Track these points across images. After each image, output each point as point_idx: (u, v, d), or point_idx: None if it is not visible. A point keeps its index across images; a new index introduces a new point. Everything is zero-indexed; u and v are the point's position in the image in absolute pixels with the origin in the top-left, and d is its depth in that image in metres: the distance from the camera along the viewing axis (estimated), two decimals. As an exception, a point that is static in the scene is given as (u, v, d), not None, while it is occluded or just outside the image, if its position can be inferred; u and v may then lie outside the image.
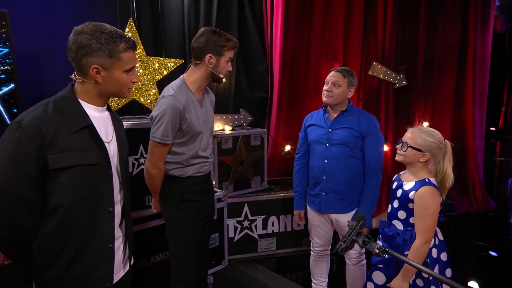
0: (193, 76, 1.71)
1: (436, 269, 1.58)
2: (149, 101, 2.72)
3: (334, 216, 2.05)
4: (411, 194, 1.56)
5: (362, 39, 3.55)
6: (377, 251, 1.26)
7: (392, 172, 3.50)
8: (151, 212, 2.00)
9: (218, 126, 3.10)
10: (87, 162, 1.11)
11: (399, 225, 1.62)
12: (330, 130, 1.99)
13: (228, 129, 3.03)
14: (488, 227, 3.90)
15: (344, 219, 2.00)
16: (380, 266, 1.62)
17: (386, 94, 3.74)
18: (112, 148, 1.21)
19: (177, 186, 1.73)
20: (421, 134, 1.58)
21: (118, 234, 1.23)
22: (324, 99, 1.97)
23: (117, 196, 1.23)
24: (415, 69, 3.81)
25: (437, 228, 1.60)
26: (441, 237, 1.65)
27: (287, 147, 3.34)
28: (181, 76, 1.75)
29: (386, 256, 1.24)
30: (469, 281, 2.73)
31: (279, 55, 3.37)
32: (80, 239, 1.12)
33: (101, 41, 1.11)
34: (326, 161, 1.97)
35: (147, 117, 2.35)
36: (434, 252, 1.59)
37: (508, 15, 7.01)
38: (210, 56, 1.66)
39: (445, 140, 1.61)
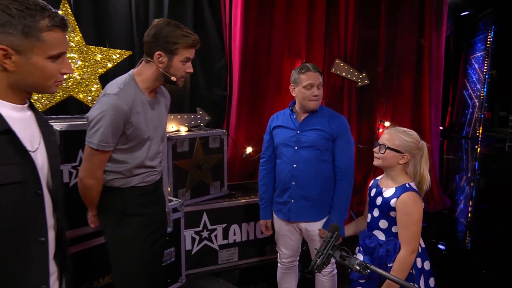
0: (144, 73, 1.49)
1: (422, 280, 1.51)
2: (90, 98, 2.39)
3: (303, 224, 1.94)
4: (392, 202, 1.50)
5: (324, 36, 3.52)
6: (358, 267, 1.13)
7: (356, 174, 3.48)
8: (93, 229, 1.71)
9: (172, 126, 2.88)
10: (8, 180, 0.84)
11: (381, 236, 1.56)
12: (298, 132, 1.89)
13: (183, 130, 2.84)
14: (445, 226, 4.04)
15: (315, 227, 1.91)
16: (362, 281, 1.52)
17: (349, 93, 3.74)
18: (39, 159, 0.95)
19: (117, 198, 1.50)
20: (398, 134, 1.54)
21: (53, 268, 0.97)
22: (312, 105, 1.84)
23: (50, 220, 0.96)
24: (376, 68, 3.84)
25: None
26: (423, 245, 1.58)
27: (249, 149, 3.22)
28: (130, 72, 1.51)
29: (368, 271, 1.12)
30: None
31: (239, 50, 3.23)
32: (2, 286, 0.84)
33: (10, 12, 0.83)
34: (295, 165, 1.87)
35: (87, 116, 2.05)
36: (419, 261, 1.52)
37: (451, 20, 7.53)
38: (159, 54, 1.44)
39: (422, 140, 1.58)
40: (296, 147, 1.87)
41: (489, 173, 7.17)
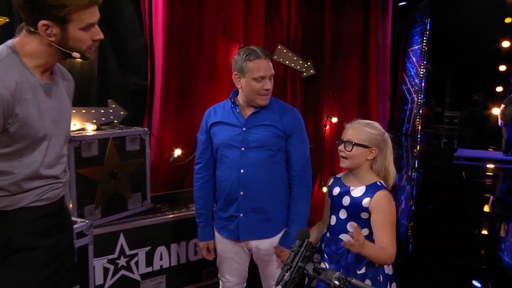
0: (29, 46, 1.22)
1: (388, 286, 1.59)
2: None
3: (254, 243, 1.85)
4: (365, 202, 1.56)
5: (265, 17, 3.49)
6: (337, 283, 1.09)
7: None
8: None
9: (75, 124, 2.58)
10: None
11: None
12: (245, 129, 1.79)
13: (91, 129, 2.56)
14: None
15: (269, 245, 1.83)
16: None
17: (293, 84, 3.75)
18: None
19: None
20: (363, 127, 1.60)
21: None
22: (262, 101, 1.76)
23: None
24: (322, 58, 3.90)
25: None
26: None
27: (177, 152, 3.05)
28: (9, 42, 1.24)
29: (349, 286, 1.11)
30: None
31: (162, 28, 3.03)
32: None
33: None
34: (242, 170, 1.77)
35: None
36: (386, 267, 1.59)
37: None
38: (45, 25, 1.17)
39: (385, 132, 1.65)
40: (242, 148, 1.77)
41: (430, 171, 7.89)
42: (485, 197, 6.15)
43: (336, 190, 1.66)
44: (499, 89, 12.58)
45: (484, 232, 4.54)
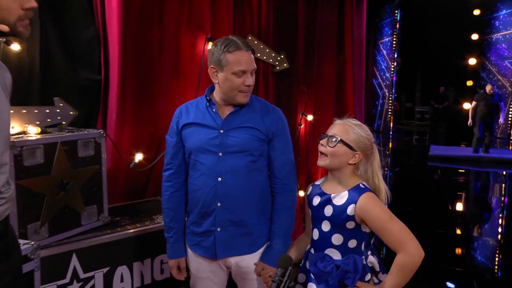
0: None
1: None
2: None
3: (234, 260, 1.80)
4: (349, 210, 1.51)
5: (234, 5, 3.41)
6: None
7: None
8: None
9: (13, 127, 2.38)
10: None
11: (335, 255, 1.56)
12: (222, 131, 1.72)
13: (33, 132, 2.37)
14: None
15: (250, 262, 1.79)
16: None
17: (265, 79, 3.70)
18: None
19: None
20: (354, 127, 1.57)
21: None
22: (243, 98, 1.70)
23: None
24: (296, 50, 3.87)
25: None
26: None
27: (138, 156, 2.90)
28: None
29: None
30: None
31: (118, 15, 2.87)
32: None
33: None
34: (220, 178, 1.71)
35: None
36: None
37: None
38: None
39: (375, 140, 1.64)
40: (220, 153, 1.71)
41: (405, 169, 8.12)
42: (460, 196, 6.40)
43: (316, 200, 1.62)
44: (469, 83, 13.19)
45: (460, 232, 4.72)
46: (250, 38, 3.53)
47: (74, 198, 2.38)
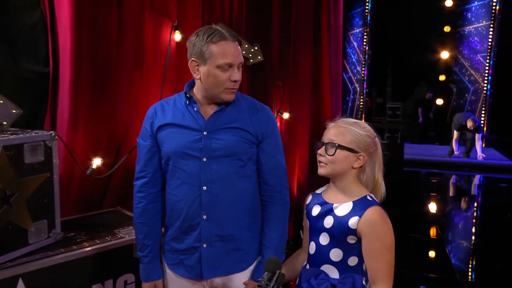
0: None
1: None
2: None
3: (220, 280, 1.75)
4: (352, 222, 1.50)
5: None
6: None
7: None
8: None
9: None
10: None
11: (333, 272, 1.55)
12: (206, 133, 1.66)
13: None
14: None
15: (239, 281, 1.76)
16: None
17: None
18: None
19: None
20: (349, 127, 1.56)
21: None
22: (229, 96, 1.66)
23: None
24: (270, 42, 3.87)
25: None
26: None
27: (96, 161, 2.77)
28: None
29: None
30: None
31: None
32: None
33: None
34: (205, 187, 1.67)
35: None
36: None
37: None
38: None
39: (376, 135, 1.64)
40: (204, 159, 1.66)
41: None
42: (435, 197, 6.64)
43: (316, 210, 1.61)
44: (442, 77, 13.74)
45: (434, 235, 4.89)
46: None
47: (20, 212, 2.23)
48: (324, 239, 1.57)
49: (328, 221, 1.55)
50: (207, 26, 1.65)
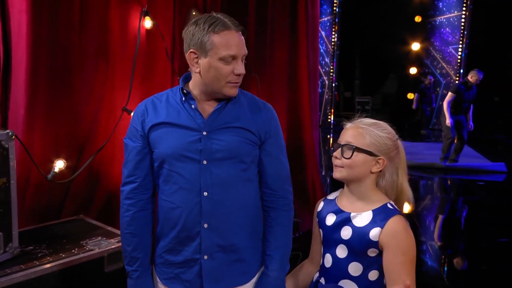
0: None
1: None
2: None
3: None
4: (373, 234, 1.49)
5: None
6: None
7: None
8: None
9: None
10: None
11: None
12: (205, 133, 1.64)
13: None
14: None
15: None
16: None
17: None
18: None
19: None
20: (368, 127, 1.56)
21: None
22: (233, 91, 1.63)
23: None
24: (245, 31, 3.84)
25: None
26: None
27: (59, 164, 2.69)
28: None
29: None
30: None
31: None
32: None
33: None
34: (205, 193, 1.65)
35: None
36: None
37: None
38: None
39: (398, 137, 1.63)
40: (204, 161, 1.64)
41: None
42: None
43: (331, 219, 1.60)
44: (413, 70, 14.21)
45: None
46: (194, 13, 3.45)
47: (-28, 224, 2.13)
48: (341, 252, 1.56)
49: (346, 232, 1.54)
50: (208, 14, 1.62)
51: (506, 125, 13.57)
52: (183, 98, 1.65)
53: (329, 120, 13.49)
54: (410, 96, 13.79)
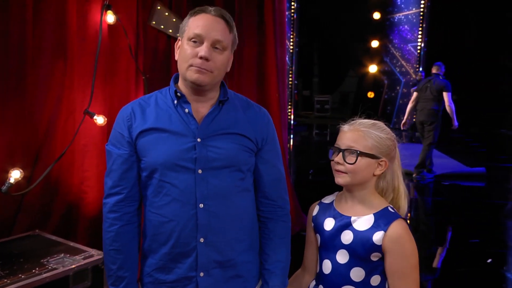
0: None
1: None
2: None
3: None
4: (376, 238, 1.50)
5: None
6: None
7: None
8: None
9: None
10: None
11: None
12: (200, 140, 1.59)
13: None
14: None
15: None
16: None
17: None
18: None
19: None
20: (369, 129, 1.56)
21: None
22: (194, 75, 1.55)
23: None
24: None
25: None
26: None
27: (14, 174, 2.54)
28: None
29: None
30: None
31: None
32: None
33: None
34: (201, 205, 1.60)
35: None
36: None
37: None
38: None
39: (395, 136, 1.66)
40: (199, 171, 1.59)
41: (319, 171, 8.52)
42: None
43: (330, 223, 1.61)
44: (373, 68, 14.54)
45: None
46: (159, 7, 3.38)
47: None
48: (342, 257, 1.57)
49: (347, 237, 1.55)
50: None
51: (463, 124, 14.14)
52: (175, 101, 1.59)
53: (289, 120, 13.55)
54: (370, 95, 14.10)
